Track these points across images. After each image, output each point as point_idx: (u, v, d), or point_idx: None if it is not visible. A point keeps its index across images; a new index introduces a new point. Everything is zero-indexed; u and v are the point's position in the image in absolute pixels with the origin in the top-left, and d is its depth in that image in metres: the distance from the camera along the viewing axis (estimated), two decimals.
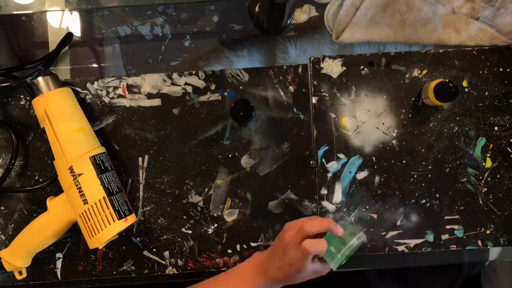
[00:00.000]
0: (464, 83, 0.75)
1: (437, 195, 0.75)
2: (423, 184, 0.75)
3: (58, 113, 0.68)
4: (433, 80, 0.72)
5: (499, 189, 0.75)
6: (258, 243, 0.76)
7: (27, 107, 0.76)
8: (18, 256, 0.70)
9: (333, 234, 0.62)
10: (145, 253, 0.77)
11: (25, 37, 0.78)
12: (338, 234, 0.62)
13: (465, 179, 0.75)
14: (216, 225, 0.77)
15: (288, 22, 0.75)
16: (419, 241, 0.75)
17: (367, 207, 0.75)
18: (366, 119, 0.76)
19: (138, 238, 0.77)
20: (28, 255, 0.71)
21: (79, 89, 0.76)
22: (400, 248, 0.75)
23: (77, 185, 0.67)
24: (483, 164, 0.75)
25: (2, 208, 0.76)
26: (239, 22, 0.77)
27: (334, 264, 0.63)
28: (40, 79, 0.68)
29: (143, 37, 0.77)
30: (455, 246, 0.75)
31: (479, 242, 0.75)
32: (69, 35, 0.75)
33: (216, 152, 0.76)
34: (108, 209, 0.67)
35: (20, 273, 0.72)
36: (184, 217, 0.76)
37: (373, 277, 0.86)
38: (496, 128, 0.75)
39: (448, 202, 0.75)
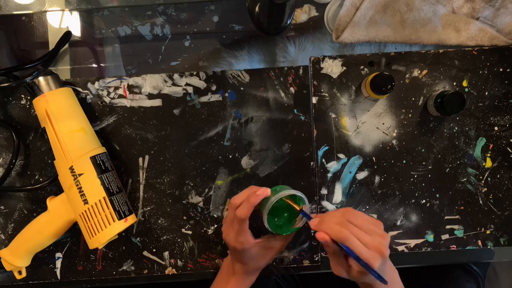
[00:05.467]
0: (464, 83, 0.75)
1: (437, 195, 0.75)
2: (423, 184, 0.75)
3: (59, 113, 0.68)
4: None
5: (499, 189, 0.75)
6: None
7: (27, 106, 0.76)
8: (18, 256, 0.70)
9: (253, 200, 0.63)
10: (145, 253, 0.77)
11: (25, 37, 0.78)
12: (256, 198, 0.62)
13: (465, 179, 0.75)
14: (216, 225, 0.77)
15: (288, 22, 0.75)
16: (419, 241, 0.75)
17: (367, 207, 0.76)
18: (366, 119, 0.76)
19: (138, 238, 0.77)
20: (28, 255, 0.71)
21: (80, 89, 0.76)
22: (400, 248, 0.75)
23: (77, 185, 0.67)
24: (483, 164, 0.75)
25: (2, 207, 0.76)
26: (239, 22, 0.77)
27: (264, 213, 0.64)
28: (41, 78, 0.68)
29: (143, 37, 0.77)
30: (455, 246, 0.75)
31: (479, 242, 0.75)
32: (67, 33, 0.75)
33: (217, 153, 0.76)
34: (108, 209, 0.67)
35: (20, 272, 0.72)
36: (184, 217, 0.76)
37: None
38: (496, 128, 0.75)
39: (448, 202, 0.75)
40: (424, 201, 0.75)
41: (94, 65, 0.78)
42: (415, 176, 0.75)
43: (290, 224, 0.67)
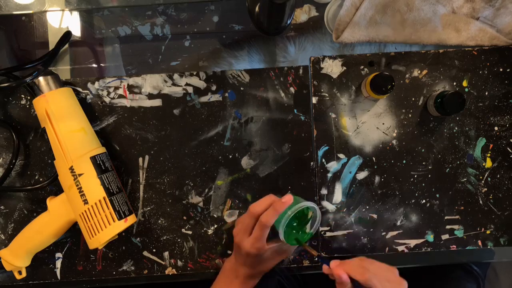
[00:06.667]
0: (464, 83, 0.75)
1: (437, 195, 0.75)
2: (423, 184, 0.75)
3: (59, 113, 0.68)
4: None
5: (499, 189, 0.75)
6: None
7: (27, 106, 0.76)
8: (17, 256, 0.70)
9: (278, 208, 0.63)
10: (145, 253, 0.77)
11: (25, 37, 0.78)
12: (282, 205, 0.63)
13: (465, 179, 0.75)
14: (216, 226, 0.77)
15: (288, 22, 0.75)
16: (419, 241, 0.75)
17: (367, 207, 0.76)
18: (366, 119, 0.76)
19: (138, 239, 0.77)
20: (28, 255, 0.71)
21: (80, 89, 0.76)
22: (400, 248, 0.75)
23: (77, 185, 0.67)
24: (483, 164, 0.75)
25: (2, 207, 0.76)
26: (239, 22, 0.77)
27: (281, 228, 0.64)
28: (41, 78, 0.68)
29: (143, 37, 0.77)
30: (455, 246, 0.75)
31: (479, 242, 0.75)
32: (67, 33, 0.75)
33: (217, 153, 0.76)
34: (108, 209, 0.67)
35: (20, 272, 0.72)
36: (184, 217, 0.76)
37: None
38: (496, 128, 0.75)
39: (448, 202, 0.75)
40: (424, 201, 0.75)
41: (94, 65, 0.78)
42: (415, 176, 0.75)
43: (300, 231, 0.67)
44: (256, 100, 0.76)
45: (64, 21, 0.78)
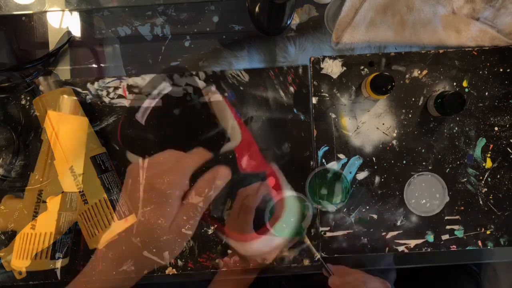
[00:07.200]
0: (464, 83, 0.75)
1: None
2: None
3: (58, 113, 0.68)
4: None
5: (499, 189, 0.75)
6: None
7: (27, 106, 0.76)
8: (17, 256, 0.70)
9: (262, 190, 0.66)
10: (145, 253, 0.76)
11: (25, 37, 0.78)
12: (265, 188, 0.66)
13: (465, 180, 0.75)
14: (216, 226, 0.76)
15: (288, 22, 0.75)
16: (419, 241, 0.75)
17: (367, 207, 0.75)
18: (366, 120, 0.76)
19: (138, 239, 0.76)
20: (28, 255, 0.71)
21: (79, 89, 0.76)
22: (400, 248, 0.75)
23: (77, 185, 0.67)
24: (483, 164, 0.75)
25: (2, 207, 0.76)
26: (239, 22, 0.77)
27: (266, 214, 0.65)
28: (40, 79, 0.68)
29: (143, 38, 0.77)
30: (455, 247, 0.75)
31: (479, 243, 0.75)
32: (67, 34, 0.75)
33: (217, 153, 0.76)
34: (108, 209, 0.67)
35: (20, 272, 0.72)
36: (184, 217, 0.76)
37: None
38: (496, 129, 0.75)
39: (448, 202, 0.75)
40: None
41: (94, 66, 0.78)
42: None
43: (295, 227, 0.67)
44: (256, 100, 0.76)
45: (64, 21, 0.78)
